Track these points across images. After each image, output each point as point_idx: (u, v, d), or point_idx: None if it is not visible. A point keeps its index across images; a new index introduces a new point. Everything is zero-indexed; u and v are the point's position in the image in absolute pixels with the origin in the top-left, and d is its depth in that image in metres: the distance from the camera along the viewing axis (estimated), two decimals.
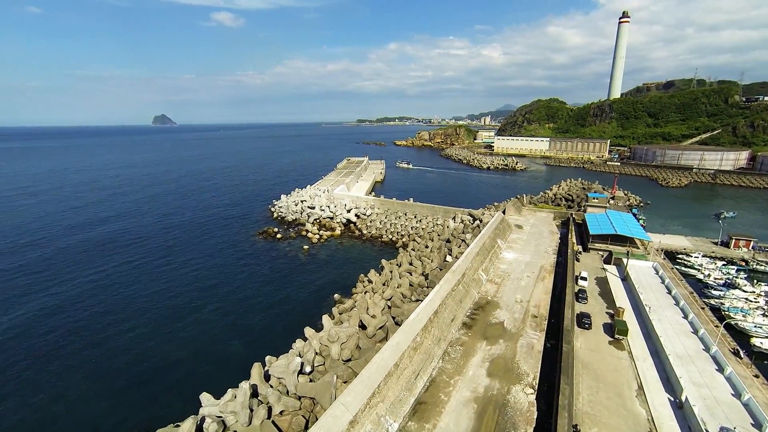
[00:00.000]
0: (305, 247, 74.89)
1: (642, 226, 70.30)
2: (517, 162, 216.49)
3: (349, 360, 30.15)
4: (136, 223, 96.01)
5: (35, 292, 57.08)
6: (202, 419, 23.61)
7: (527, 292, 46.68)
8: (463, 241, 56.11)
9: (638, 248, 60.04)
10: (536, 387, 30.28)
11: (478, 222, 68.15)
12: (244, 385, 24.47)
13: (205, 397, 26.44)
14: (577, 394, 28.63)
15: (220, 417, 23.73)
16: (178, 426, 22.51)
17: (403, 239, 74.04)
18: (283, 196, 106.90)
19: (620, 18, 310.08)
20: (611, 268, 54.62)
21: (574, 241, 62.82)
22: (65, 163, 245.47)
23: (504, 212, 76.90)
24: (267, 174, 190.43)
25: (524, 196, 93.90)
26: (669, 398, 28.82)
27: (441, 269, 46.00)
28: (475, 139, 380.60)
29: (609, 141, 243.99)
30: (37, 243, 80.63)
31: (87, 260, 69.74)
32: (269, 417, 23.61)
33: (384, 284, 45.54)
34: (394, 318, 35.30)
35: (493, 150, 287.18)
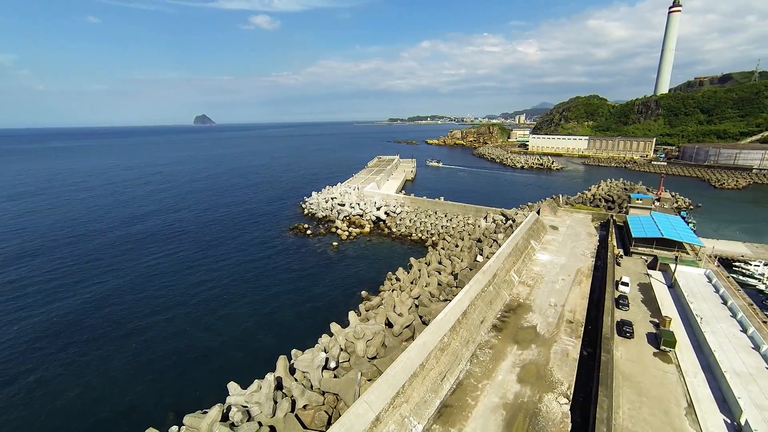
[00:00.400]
0: (334, 243, 75.44)
1: (692, 230, 65.04)
2: (553, 161, 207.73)
3: (374, 358, 29.70)
4: (177, 218, 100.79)
5: (88, 279, 61.13)
6: (229, 408, 23.96)
7: (562, 295, 44.30)
8: (494, 241, 54.23)
9: (688, 254, 55.52)
10: (571, 397, 28.49)
11: (510, 222, 65.74)
12: (270, 377, 24.58)
13: (233, 386, 26.85)
14: (616, 407, 26.59)
15: (246, 407, 23.97)
16: (205, 413, 22.93)
17: (433, 238, 72.80)
18: (314, 193, 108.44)
19: (670, 8, 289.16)
20: (656, 274, 50.79)
21: (615, 244, 59.04)
22: (116, 161, 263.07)
23: (538, 212, 73.80)
24: (299, 171, 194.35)
25: (560, 196, 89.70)
26: (725, 420, 26.07)
27: (471, 269, 44.59)
28: (509, 137, 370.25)
29: (654, 139, 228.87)
30: (90, 234, 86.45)
31: (132, 252, 73.83)
32: (293, 410, 23.57)
33: (412, 283, 44.78)
34: (421, 317, 34.51)
35: (527, 149, 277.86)
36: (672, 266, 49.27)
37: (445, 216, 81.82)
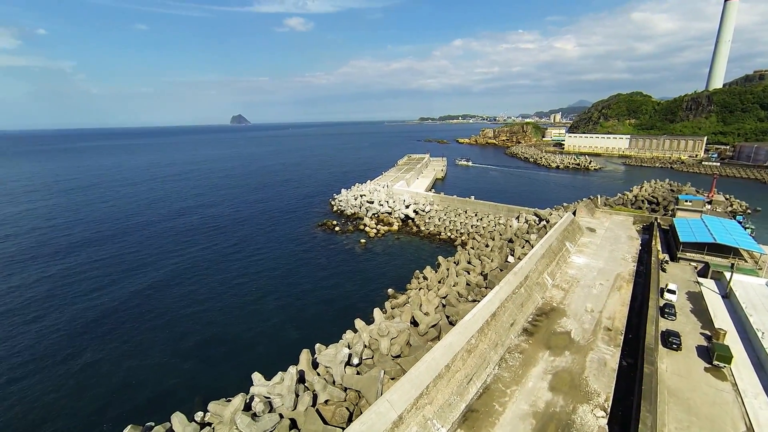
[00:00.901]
0: (362, 240, 75.38)
1: (750, 235, 59.44)
2: (590, 161, 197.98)
3: (398, 356, 28.96)
4: (213, 213, 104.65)
5: (131, 270, 64.74)
6: (252, 398, 24.05)
7: (599, 301, 41.59)
8: (526, 241, 51.93)
9: (746, 261, 50.75)
10: (608, 410, 26.45)
11: (544, 222, 62.87)
12: (292, 370, 24.43)
13: (257, 377, 26.96)
14: (661, 425, 24.39)
15: (268, 398, 23.90)
16: (229, 401, 23.08)
17: (462, 237, 71.01)
18: (343, 191, 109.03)
19: None
20: (708, 283, 46.71)
21: (660, 248, 54.98)
22: (158, 158, 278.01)
23: (574, 213, 70.18)
24: (329, 169, 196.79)
25: (598, 197, 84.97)
26: None
27: (501, 270, 42.82)
28: (543, 136, 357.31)
29: (705, 138, 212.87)
30: (133, 228, 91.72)
31: (171, 245, 77.32)
32: (314, 405, 23.30)
33: (440, 282, 43.64)
34: (448, 317, 33.40)
35: (563, 148, 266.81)
36: (727, 274, 45.04)
37: (476, 215, 79.62)
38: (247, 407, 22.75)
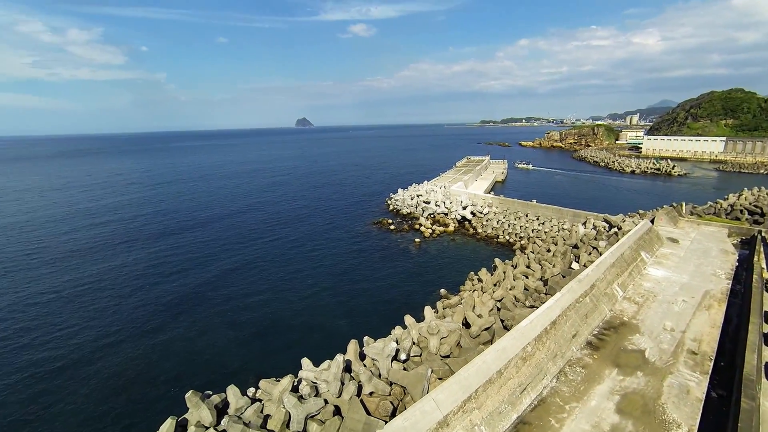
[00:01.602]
0: (417, 240, 74.84)
1: None
2: (673, 165, 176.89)
3: (447, 357, 27.94)
4: (276, 209, 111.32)
5: (204, 259, 70.38)
6: (299, 381, 24.65)
7: (682, 320, 36.56)
8: (594, 248, 47.48)
9: None
10: None
11: (615, 230, 57.13)
12: (339, 358, 24.63)
13: (305, 362, 27.62)
14: None
15: (315, 383, 24.32)
16: (278, 381, 23.83)
17: (522, 242, 67.19)
18: (399, 190, 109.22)
19: None
20: None
21: (764, 266, 46.95)
22: (231, 157, 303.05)
23: (653, 222, 62.92)
24: (387, 170, 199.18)
25: (683, 204, 75.36)
26: None
27: (564, 276, 39.60)
28: (617, 139, 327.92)
29: None
30: (206, 221, 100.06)
31: (238, 238, 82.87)
32: (358, 395, 23.21)
33: (495, 285, 41.51)
34: (502, 321, 31.56)
35: (640, 152, 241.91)
36: None
37: (537, 219, 74.89)
38: (295, 389, 23.36)
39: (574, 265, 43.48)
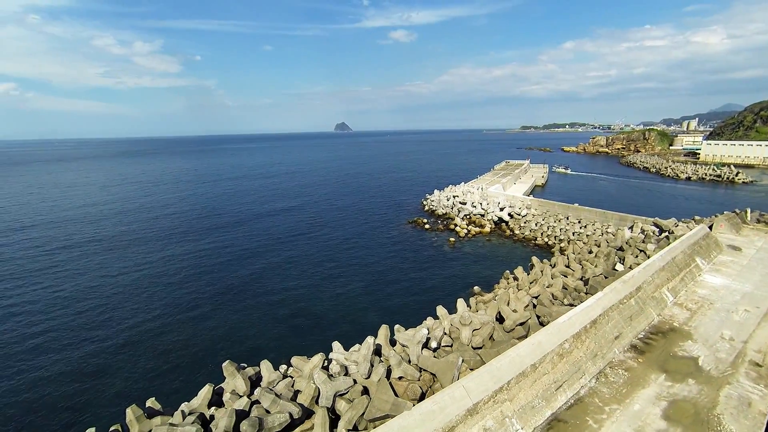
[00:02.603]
0: (451, 239, 74.05)
1: None
2: (737, 172, 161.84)
3: (479, 348, 27.36)
4: (316, 209, 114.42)
5: (246, 252, 73.73)
6: (329, 360, 25.13)
7: (744, 330, 33.34)
8: (641, 251, 44.45)
9: None
10: None
11: (666, 234, 53.24)
12: (370, 340, 24.88)
13: (337, 345, 28.11)
14: None
15: (345, 365, 24.70)
16: (309, 359, 24.44)
17: (561, 244, 64.30)
18: (435, 191, 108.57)
19: None
20: None
21: None
22: (271, 159, 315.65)
23: (711, 228, 58.01)
24: (424, 173, 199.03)
25: (748, 210, 68.81)
26: None
27: (606, 277, 37.51)
28: (671, 145, 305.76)
29: None
30: (248, 218, 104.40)
31: (282, 235, 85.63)
32: (387, 378, 23.27)
33: (532, 283, 40.05)
34: (538, 317, 30.43)
35: (698, 158, 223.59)
36: None
37: (579, 222, 71.36)
38: (324, 368, 23.85)
39: (619, 266, 41.04)
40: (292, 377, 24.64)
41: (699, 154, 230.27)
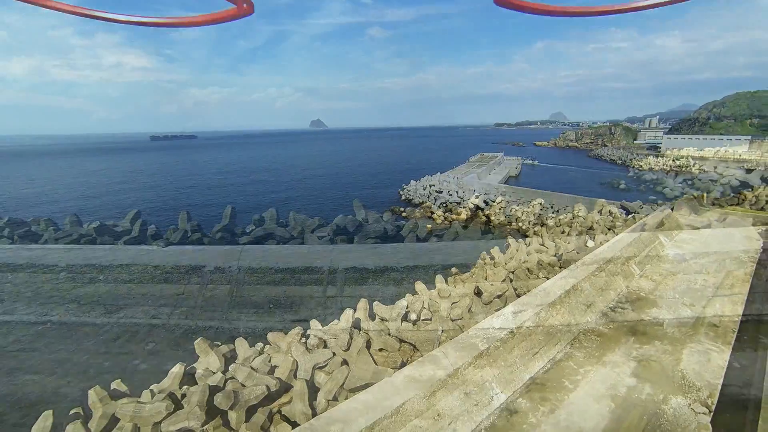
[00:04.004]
0: (428, 226, 74.77)
1: None
2: (695, 163, 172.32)
3: (459, 320, 27.55)
4: (294, 197, 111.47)
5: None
6: (307, 336, 24.65)
7: (703, 296, 35.24)
8: (609, 229, 46.41)
9: None
10: (713, 407, 22.00)
11: (633, 214, 55.76)
12: (348, 312, 24.53)
13: (314, 322, 27.57)
14: None
15: (324, 339, 24.26)
16: (287, 333, 23.86)
17: (535, 228, 66.09)
18: (412, 181, 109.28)
19: None
20: None
21: None
22: (250, 155, 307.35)
23: (672, 209, 61.16)
24: (401, 166, 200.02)
25: (705, 194, 73.15)
26: None
27: (578, 253, 38.79)
28: (635, 139, 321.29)
29: None
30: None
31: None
32: (368, 349, 22.99)
33: (509, 260, 40.88)
34: (515, 290, 31.03)
35: (659, 152, 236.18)
36: None
37: (552, 207, 73.62)
38: (302, 344, 23.29)
39: (590, 243, 42.59)
40: (268, 354, 23.91)
41: (660, 147, 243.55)
